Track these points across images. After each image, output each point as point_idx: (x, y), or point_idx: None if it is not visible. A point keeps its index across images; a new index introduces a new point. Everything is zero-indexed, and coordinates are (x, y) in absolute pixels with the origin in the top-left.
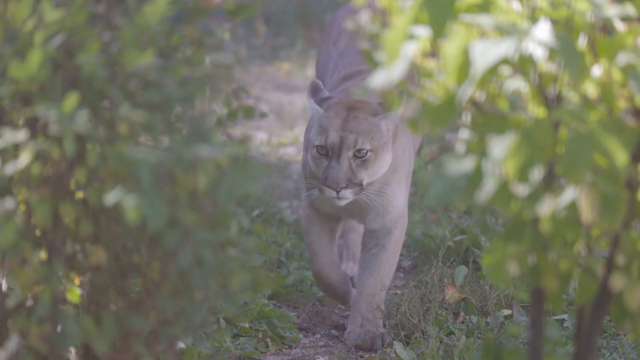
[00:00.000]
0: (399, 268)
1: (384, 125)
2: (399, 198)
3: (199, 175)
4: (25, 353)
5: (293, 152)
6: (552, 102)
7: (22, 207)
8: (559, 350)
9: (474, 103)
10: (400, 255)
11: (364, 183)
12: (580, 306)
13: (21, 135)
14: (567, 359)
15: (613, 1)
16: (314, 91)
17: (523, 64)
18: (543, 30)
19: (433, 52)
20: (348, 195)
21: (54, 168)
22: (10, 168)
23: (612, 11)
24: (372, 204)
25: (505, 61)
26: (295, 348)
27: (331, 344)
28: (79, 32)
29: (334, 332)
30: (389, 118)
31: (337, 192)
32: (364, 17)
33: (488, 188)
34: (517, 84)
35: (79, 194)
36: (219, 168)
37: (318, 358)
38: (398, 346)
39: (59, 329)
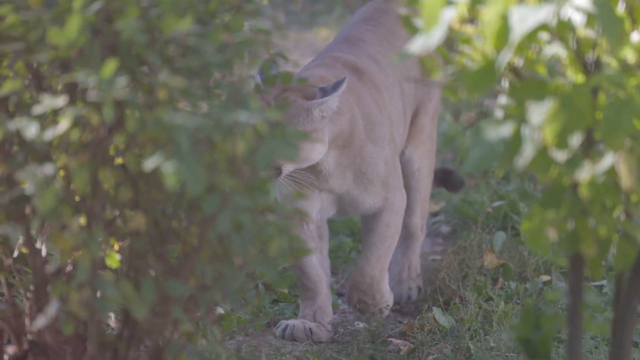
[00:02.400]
0: (437, 234)
1: (317, 111)
2: (376, 195)
3: (238, 141)
4: (65, 318)
5: None
6: (591, 68)
7: (62, 173)
8: (598, 316)
9: (512, 69)
10: (439, 221)
11: (283, 169)
12: (619, 272)
13: (60, 101)
14: (606, 325)
15: None
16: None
17: (562, 30)
18: None
19: (471, 18)
20: None
21: (93, 134)
22: (50, 134)
23: None
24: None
25: (543, 27)
26: (334, 314)
27: None
28: None
29: None
30: (325, 104)
31: None
32: None
33: (527, 154)
34: (555, 49)
35: (118, 160)
36: (258, 133)
37: (357, 324)
38: (437, 312)
39: (98, 294)
